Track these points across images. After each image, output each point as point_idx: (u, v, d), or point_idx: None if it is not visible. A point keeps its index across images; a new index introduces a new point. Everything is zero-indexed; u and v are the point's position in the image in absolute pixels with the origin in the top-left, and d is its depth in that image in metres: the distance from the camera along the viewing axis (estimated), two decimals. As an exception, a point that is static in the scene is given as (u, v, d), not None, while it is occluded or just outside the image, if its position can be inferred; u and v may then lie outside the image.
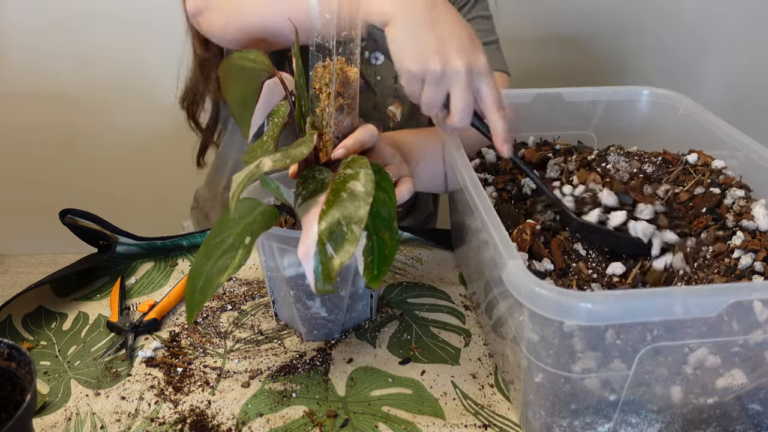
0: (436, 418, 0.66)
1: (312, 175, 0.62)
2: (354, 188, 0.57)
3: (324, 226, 0.55)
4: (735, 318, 0.54)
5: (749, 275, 0.63)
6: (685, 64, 1.92)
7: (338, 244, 0.55)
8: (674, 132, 0.88)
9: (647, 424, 0.59)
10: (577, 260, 0.68)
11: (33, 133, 1.99)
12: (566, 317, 0.51)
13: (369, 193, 0.56)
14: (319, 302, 0.72)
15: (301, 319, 0.74)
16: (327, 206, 0.57)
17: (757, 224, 0.68)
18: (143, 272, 0.88)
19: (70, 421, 0.65)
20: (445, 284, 0.86)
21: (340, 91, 0.66)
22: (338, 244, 0.55)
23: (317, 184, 0.61)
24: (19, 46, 1.90)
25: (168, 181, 1.87)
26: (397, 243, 0.60)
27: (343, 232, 0.55)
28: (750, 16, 1.87)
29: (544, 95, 0.91)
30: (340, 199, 0.57)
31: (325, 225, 0.55)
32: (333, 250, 0.55)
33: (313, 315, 0.73)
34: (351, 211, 0.56)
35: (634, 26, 1.86)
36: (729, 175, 0.78)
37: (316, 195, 0.59)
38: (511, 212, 0.73)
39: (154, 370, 0.71)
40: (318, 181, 0.61)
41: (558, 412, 0.59)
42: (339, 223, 0.55)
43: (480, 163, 0.87)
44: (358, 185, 0.57)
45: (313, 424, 0.65)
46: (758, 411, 0.60)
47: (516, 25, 1.76)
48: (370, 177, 0.58)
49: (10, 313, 0.80)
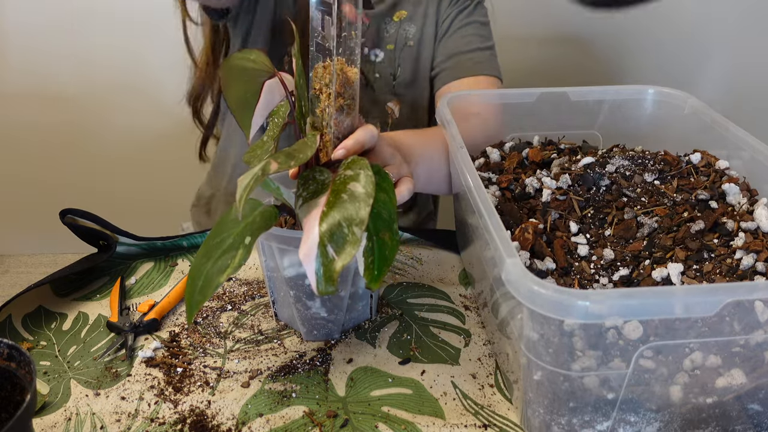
0: (436, 418, 0.66)
1: (312, 176, 0.62)
2: (354, 189, 0.57)
3: (325, 228, 0.55)
4: (736, 318, 0.54)
5: (751, 276, 0.63)
6: (685, 64, 1.92)
7: (339, 246, 0.55)
8: (680, 131, 0.88)
9: (646, 423, 0.59)
10: (579, 260, 0.68)
11: (33, 133, 1.99)
12: (565, 315, 0.51)
13: (369, 194, 0.56)
14: (319, 302, 0.72)
15: (301, 320, 0.74)
16: (328, 208, 0.57)
17: (759, 225, 0.68)
18: (143, 272, 0.88)
19: (70, 422, 0.65)
20: (445, 284, 0.86)
21: (340, 92, 0.66)
22: (339, 246, 0.55)
23: (318, 185, 0.61)
24: (19, 46, 1.90)
25: (168, 181, 1.87)
26: (398, 244, 0.60)
27: (344, 234, 0.55)
28: (750, 17, 1.87)
29: (548, 95, 0.91)
30: (340, 201, 0.57)
31: (326, 227, 0.55)
32: (334, 252, 0.55)
33: (313, 315, 0.73)
34: (352, 212, 0.56)
35: (634, 26, 1.85)
36: (733, 175, 0.78)
37: (317, 196, 0.59)
38: (513, 211, 0.73)
39: (154, 371, 0.71)
40: (318, 182, 0.61)
41: (557, 410, 0.59)
42: (340, 225, 0.55)
43: (484, 162, 0.87)
44: (358, 186, 0.57)
45: (313, 425, 0.65)
46: (758, 411, 0.60)
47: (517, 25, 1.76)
48: (371, 178, 0.58)
49: (10, 313, 0.80)
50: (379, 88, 1.06)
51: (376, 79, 1.05)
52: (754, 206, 0.71)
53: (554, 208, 0.74)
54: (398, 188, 0.71)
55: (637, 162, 0.80)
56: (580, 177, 0.78)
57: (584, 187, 0.77)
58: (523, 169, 0.84)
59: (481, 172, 0.83)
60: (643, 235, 0.70)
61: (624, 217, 0.72)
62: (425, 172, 0.85)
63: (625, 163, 0.80)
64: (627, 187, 0.76)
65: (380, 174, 0.62)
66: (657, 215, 0.71)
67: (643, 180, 0.78)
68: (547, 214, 0.73)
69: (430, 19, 1.04)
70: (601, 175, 0.78)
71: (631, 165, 0.80)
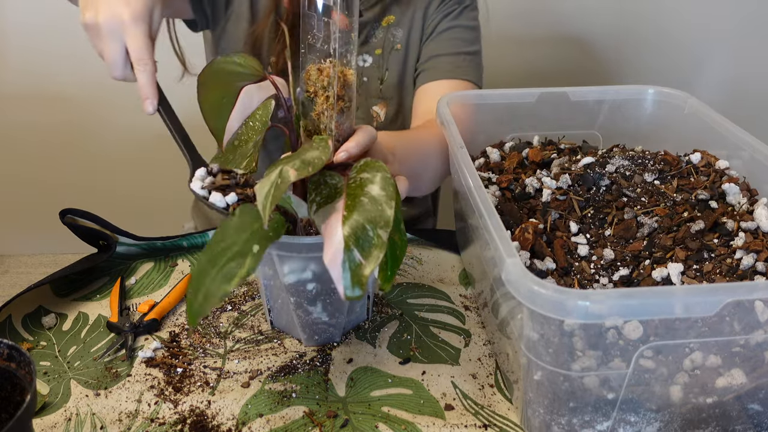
0: (436, 418, 0.66)
1: (324, 181, 0.61)
2: (372, 192, 0.56)
3: (348, 231, 0.54)
4: (736, 318, 0.54)
5: (751, 276, 0.63)
6: (685, 64, 1.92)
7: (366, 250, 0.53)
8: (680, 131, 0.88)
9: (646, 423, 0.59)
10: (579, 260, 0.68)
11: (33, 133, 1.99)
12: (565, 315, 0.51)
13: (390, 196, 0.55)
14: (320, 307, 0.72)
15: (302, 326, 0.73)
16: (348, 211, 0.55)
17: (759, 225, 0.68)
18: (143, 272, 0.88)
19: (70, 422, 0.65)
20: (445, 284, 0.86)
21: (341, 94, 0.65)
22: (366, 250, 0.53)
23: (330, 190, 0.60)
24: (19, 46, 1.90)
25: (168, 180, 1.87)
26: (405, 243, 0.59)
27: (370, 237, 0.53)
28: (750, 17, 1.87)
29: (548, 95, 0.91)
30: (360, 204, 0.56)
31: (349, 229, 0.54)
32: (361, 256, 0.53)
33: (314, 320, 0.73)
34: (375, 214, 0.54)
35: (634, 26, 1.86)
36: (733, 175, 0.78)
37: (332, 201, 0.58)
38: (513, 211, 0.73)
39: (154, 371, 0.71)
40: (331, 187, 0.60)
41: (557, 410, 0.59)
42: (364, 228, 0.54)
43: (484, 162, 0.87)
44: (375, 188, 0.56)
45: (313, 425, 0.65)
46: (758, 411, 0.60)
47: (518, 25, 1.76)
48: (389, 180, 0.57)
49: (10, 314, 0.80)
50: (366, 91, 1.06)
51: (363, 83, 1.06)
52: (754, 206, 0.71)
53: (554, 208, 0.74)
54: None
55: (637, 162, 0.80)
56: (580, 177, 0.78)
57: (584, 187, 0.77)
58: (523, 169, 0.84)
59: (481, 172, 0.83)
60: (643, 235, 0.70)
61: (624, 217, 0.72)
62: (405, 174, 0.85)
63: (625, 163, 0.80)
64: (627, 187, 0.76)
65: None
66: (657, 215, 0.71)
67: (643, 180, 0.78)
68: (547, 214, 0.73)
69: (417, 23, 1.05)
70: (601, 175, 0.78)
71: (631, 165, 0.80)
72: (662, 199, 0.74)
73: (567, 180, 0.78)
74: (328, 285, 0.69)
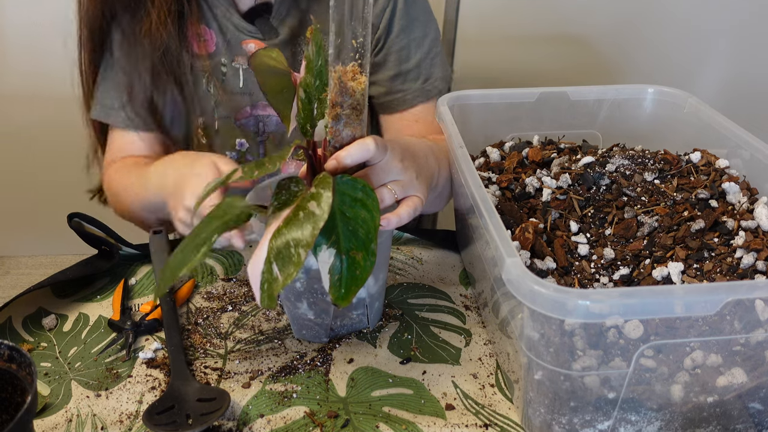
0: (436, 418, 0.66)
1: (288, 186, 0.62)
2: (312, 209, 0.57)
3: (274, 245, 0.56)
4: (736, 317, 0.54)
5: (751, 274, 0.63)
6: (685, 64, 1.92)
7: (284, 265, 0.55)
8: (679, 130, 0.88)
9: (647, 422, 0.59)
10: (579, 259, 0.68)
11: (33, 133, 1.99)
12: (565, 315, 0.52)
13: (321, 217, 0.56)
14: (306, 304, 0.72)
15: (291, 317, 0.75)
16: (284, 224, 0.57)
17: (759, 223, 0.68)
18: (144, 273, 0.88)
19: (71, 423, 0.65)
20: (446, 284, 0.86)
21: (336, 101, 0.64)
22: (283, 265, 0.55)
23: (289, 197, 0.61)
24: (19, 46, 1.90)
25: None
26: (372, 264, 0.59)
27: (291, 255, 0.55)
28: (750, 17, 1.86)
29: (548, 94, 0.91)
30: (297, 219, 0.57)
31: (276, 244, 0.56)
32: (278, 270, 0.56)
33: (301, 315, 0.73)
34: (299, 234, 0.56)
35: (634, 26, 1.85)
36: (733, 174, 0.78)
37: (283, 208, 0.59)
38: (513, 211, 0.73)
39: (154, 371, 0.71)
40: (291, 194, 0.61)
41: (557, 410, 0.59)
42: (288, 245, 0.56)
43: (484, 162, 0.87)
44: (316, 207, 0.57)
45: (314, 425, 0.65)
46: (759, 410, 0.60)
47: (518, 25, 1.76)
48: (328, 200, 0.57)
49: (10, 315, 0.80)
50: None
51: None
52: (754, 205, 0.71)
53: (554, 208, 0.74)
54: (399, 208, 0.67)
55: (637, 161, 0.81)
56: (580, 176, 0.78)
57: (584, 186, 0.77)
58: (523, 168, 0.84)
59: (481, 172, 0.83)
60: (643, 235, 0.70)
61: (624, 217, 0.72)
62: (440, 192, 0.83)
63: (625, 163, 0.80)
64: (627, 186, 0.76)
65: (364, 190, 0.60)
66: (657, 214, 0.71)
67: (643, 179, 0.78)
68: (547, 213, 0.73)
69: None
70: (601, 174, 0.78)
71: (631, 164, 0.80)
72: (662, 198, 0.74)
73: (567, 179, 0.78)
74: (313, 284, 0.69)
